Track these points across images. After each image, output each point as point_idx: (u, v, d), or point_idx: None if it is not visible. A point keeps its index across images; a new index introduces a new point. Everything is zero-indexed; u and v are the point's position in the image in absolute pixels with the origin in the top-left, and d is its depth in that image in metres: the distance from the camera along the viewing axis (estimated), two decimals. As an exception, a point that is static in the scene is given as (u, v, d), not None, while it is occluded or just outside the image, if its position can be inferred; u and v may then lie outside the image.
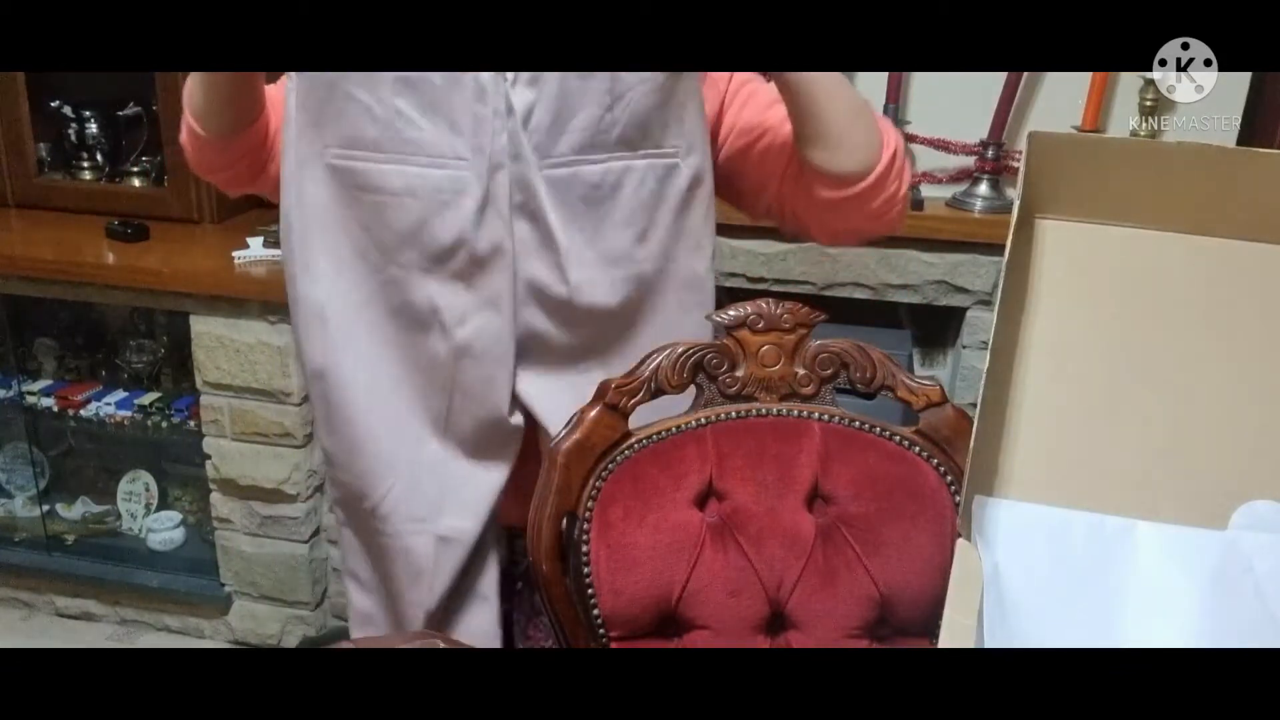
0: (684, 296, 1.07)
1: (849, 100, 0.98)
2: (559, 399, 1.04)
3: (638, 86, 0.96)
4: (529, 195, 0.97)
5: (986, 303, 1.81)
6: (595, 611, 1.00)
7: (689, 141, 1.01)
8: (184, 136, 1.09)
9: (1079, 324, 0.79)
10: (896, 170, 1.00)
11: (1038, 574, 0.77)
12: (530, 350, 1.04)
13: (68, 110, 2.23)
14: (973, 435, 0.76)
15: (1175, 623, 0.74)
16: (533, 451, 1.09)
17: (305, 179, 0.99)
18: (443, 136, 0.95)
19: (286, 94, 0.99)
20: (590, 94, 0.95)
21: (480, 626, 1.13)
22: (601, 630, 1.01)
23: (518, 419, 1.06)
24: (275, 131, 1.07)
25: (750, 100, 1.08)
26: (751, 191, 1.10)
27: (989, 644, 0.73)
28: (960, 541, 0.77)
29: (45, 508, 2.33)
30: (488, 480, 1.08)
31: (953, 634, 0.69)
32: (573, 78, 0.94)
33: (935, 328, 1.97)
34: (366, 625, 1.18)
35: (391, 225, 0.98)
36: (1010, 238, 0.76)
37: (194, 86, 1.03)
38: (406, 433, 1.06)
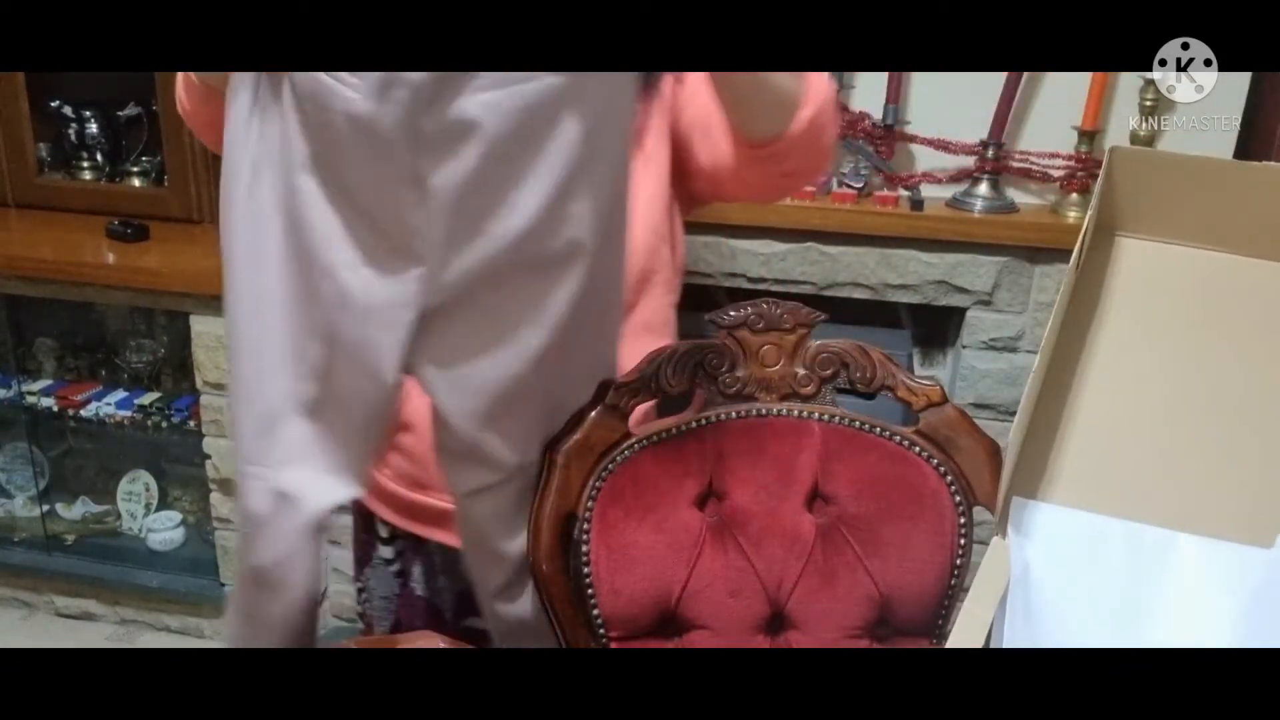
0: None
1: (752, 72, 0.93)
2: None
3: None
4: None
5: (986, 303, 1.80)
6: (595, 611, 1.00)
7: None
8: (179, 89, 1.05)
9: (1146, 339, 0.78)
10: (814, 134, 0.97)
11: (1070, 578, 0.76)
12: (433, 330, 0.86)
13: (68, 110, 2.23)
14: (1020, 438, 0.75)
15: (1209, 638, 0.73)
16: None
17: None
18: None
19: None
20: None
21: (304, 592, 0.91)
22: (601, 630, 1.01)
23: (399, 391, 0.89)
24: None
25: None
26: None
27: (1008, 642, 0.73)
28: (995, 539, 0.76)
29: (45, 508, 2.33)
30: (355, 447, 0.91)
31: (966, 626, 0.69)
32: None
33: (935, 328, 1.97)
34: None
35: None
36: (1084, 251, 0.75)
37: None
38: (281, 369, 0.88)
